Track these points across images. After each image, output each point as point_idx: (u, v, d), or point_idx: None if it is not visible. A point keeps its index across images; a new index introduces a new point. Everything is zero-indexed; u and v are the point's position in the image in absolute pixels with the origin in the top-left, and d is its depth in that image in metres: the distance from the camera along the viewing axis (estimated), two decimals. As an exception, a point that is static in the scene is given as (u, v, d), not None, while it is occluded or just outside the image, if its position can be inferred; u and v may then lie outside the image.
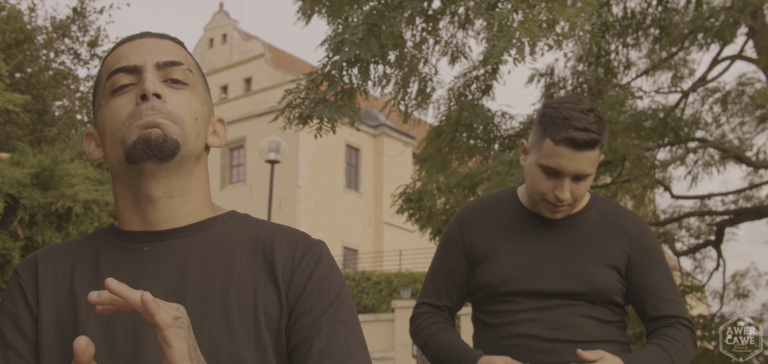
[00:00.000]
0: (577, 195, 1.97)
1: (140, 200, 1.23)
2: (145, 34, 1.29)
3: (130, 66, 1.23)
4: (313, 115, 5.78)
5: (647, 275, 2.03)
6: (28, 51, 6.75)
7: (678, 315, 2.03)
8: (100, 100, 1.27)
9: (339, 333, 1.20)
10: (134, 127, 1.19)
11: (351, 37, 5.72)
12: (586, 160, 1.92)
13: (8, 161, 4.81)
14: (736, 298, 12.15)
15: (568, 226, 2.05)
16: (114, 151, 1.22)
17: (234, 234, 1.26)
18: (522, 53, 4.34)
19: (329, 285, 1.24)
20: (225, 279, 1.20)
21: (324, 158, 31.27)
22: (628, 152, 8.14)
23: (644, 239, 2.06)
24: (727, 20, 7.79)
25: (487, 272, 2.05)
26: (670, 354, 1.95)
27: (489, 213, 2.13)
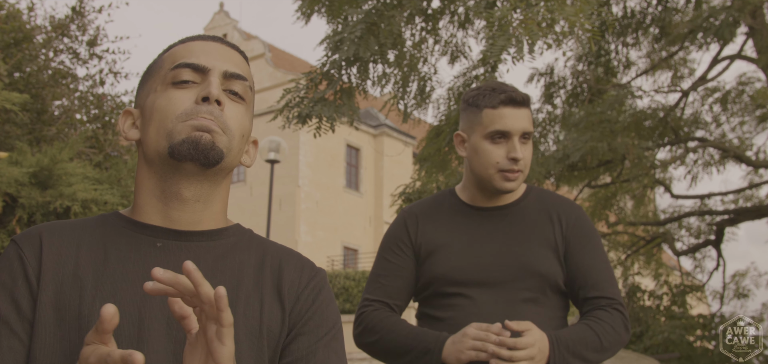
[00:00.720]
0: (526, 159, 2.03)
1: (168, 195, 1.23)
2: (217, 38, 1.31)
3: (199, 65, 1.23)
4: (312, 114, 5.78)
5: (581, 257, 2.03)
6: (27, 50, 6.74)
7: (610, 297, 2.01)
8: (155, 84, 1.26)
9: (331, 360, 1.24)
10: (187, 125, 1.19)
11: (350, 35, 5.72)
12: (526, 118, 2.02)
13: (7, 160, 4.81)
14: (736, 297, 12.15)
15: (507, 215, 2.08)
16: (157, 141, 1.21)
17: (243, 247, 1.28)
18: (521, 52, 4.34)
19: (329, 313, 1.28)
20: (233, 289, 1.21)
21: (324, 158, 31.28)
22: (628, 152, 8.14)
23: (578, 221, 2.08)
24: (726, 19, 7.80)
25: (435, 265, 2.07)
26: (597, 334, 1.94)
27: (431, 212, 2.16)
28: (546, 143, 9.64)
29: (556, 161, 8.20)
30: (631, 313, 11.95)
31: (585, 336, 1.94)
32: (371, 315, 2.11)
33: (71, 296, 1.16)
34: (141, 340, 1.14)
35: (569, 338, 1.92)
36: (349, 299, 24.81)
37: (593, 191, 11.21)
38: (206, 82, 1.23)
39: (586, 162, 8.35)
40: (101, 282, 1.17)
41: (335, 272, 25.90)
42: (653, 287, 12.84)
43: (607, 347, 1.96)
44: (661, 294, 12.32)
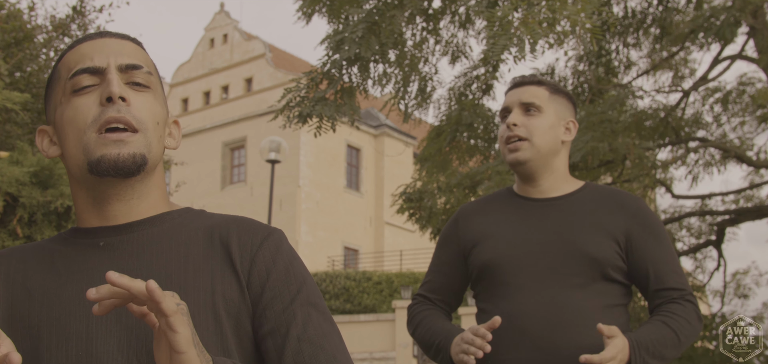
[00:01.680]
0: (530, 127, 2.09)
1: (99, 201, 1.24)
2: (105, 33, 1.29)
3: (94, 67, 1.22)
4: (313, 113, 5.77)
5: (648, 248, 2.02)
6: (28, 50, 6.74)
7: (681, 289, 2.01)
8: (58, 97, 1.25)
9: (312, 317, 1.21)
10: (100, 141, 1.19)
11: (351, 35, 5.71)
12: (529, 93, 2.12)
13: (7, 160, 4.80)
14: (737, 297, 12.14)
15: (560, 204, 2.10)
16: (75, 155, 1.21)
17: (189, 225, 1.27)
18: (522, 51, 4.34)
19: (295, 270, 1.25)
20: (180, 266, 1.21)
21: (325, 158, 31.27)
22: (629, 152, 8.13)
23: (643, 212, 2.07)
24: (727, 19, 7.78)
25: (481, 253, 2.10)
26: (674, 331, 1.94)
27: (485, 207, 2.20)
28: (547, 143, 9.61)
29: (557, 161, 8.17)
30: (632, 313, 11.96)
31: (663, 335, 1.94)
32: (413, 308, 2.22)
33: (21, 308, 1.19)
34: (89, 337, 1.15)
35: (649, 339, 1.91)
36: (349, 300, 24.80)
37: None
38: (105, 80, 1.21)
39: (587, 162, 8.34)
40: (48, 289, 1.20)
41: (336, 272, 25.87)
42: (654, 288, 12.83)
43: (684, 341, 1.96)
44: (661, 294, 12.30)
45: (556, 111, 2.14)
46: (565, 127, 2.16)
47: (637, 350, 1.88)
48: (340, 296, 24.91)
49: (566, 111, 2.17)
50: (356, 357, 19.60)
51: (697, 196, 11.06)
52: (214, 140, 33.00)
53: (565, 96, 2.18)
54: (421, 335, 2.13)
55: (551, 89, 2.15)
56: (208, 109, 34.21)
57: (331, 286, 25.10)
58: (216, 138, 33.06)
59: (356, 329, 20.54)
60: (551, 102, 2.13)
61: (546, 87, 2.15)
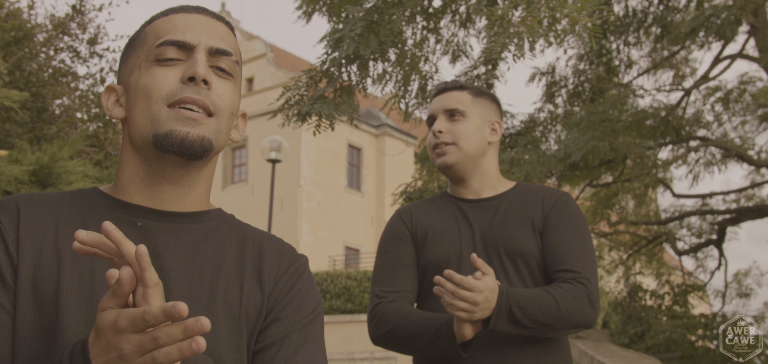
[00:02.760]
0: (456, 133, 2.15)
1: (152, 178, 1.20)
2: (201, 9, 1.25)
3: (184, 42, 1.19)
4: (312, 112, 5.76)
5: (554, 232, 2.05)
6: (28, 48, 6.74)
7: (577, 271, 1.99)
8: (139, 60, 1.21)
9: (307, 344, 1.21)
10: (172, 115, 1.15)
11: (350, 33, 5.70)
12: (452, 99, 2.18)
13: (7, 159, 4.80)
14: (738, 297, 12.14)
15: (492, 204, 2.15)
16: (142, 124, 1.17)
17: (225, 231, 1.25)
18: (521, 49, 4.33)
19: (308, 299, 1.25)
20: (214, 273, 1.19)
21: (326, 158, 31.28)
22: (630, 151, 8.12)
23: (560, 202, 2.11)
24: (728, 18, 7.78)
25: (428, 251, 2.12)
26: (555, 299, 1.92)
27: (424, 207, 2.24)
28: (547, 143, 9.62)
29: (558, 161, 8.19)
30: (632, 312, 11.94)
31: (539, 297, 1.92)
32: (382, 308, 2.11)
33: (50, 272, 1.12)
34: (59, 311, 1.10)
35: (522, 295, 1.90)
36: (350, 299, 24.81)
37: (595, 190, 11.21)
38: (192, 59, 1.18)
39: (587, 161, 8.34)
40: (79, 258, 1.13)
41: (337, 272, 25.88)
42: (655, 287, 12.83)
43: (565, 313, 1.92)
44: (662, 294, 12.31)
45: (480, 114, 2.19)
46: (490, 128, 2.21)
47: (505, 297, 1.87)
48: (341, 296, 24.92)
49: (491, 112, 2.21)
50: (357, 357, 19.61)
51: (697, 195, 11.06)
52: (215, 140, 33.01)
53: (488, 98, 2.22)
54: (409, 327, 2.03)
55: (474, 93, 2.20)
56: (209, 109, 34.24)
57: (332, 286, 25.12)
58: (217, 138, 33.06)
59: (357, 328, 20.54)
60: (475, 105, 2.18)
61: (468, 91, 2.20)
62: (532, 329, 1.92)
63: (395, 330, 2.06)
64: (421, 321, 2.02)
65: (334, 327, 20.20)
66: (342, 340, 19.60)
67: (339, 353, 19.07)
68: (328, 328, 19.77)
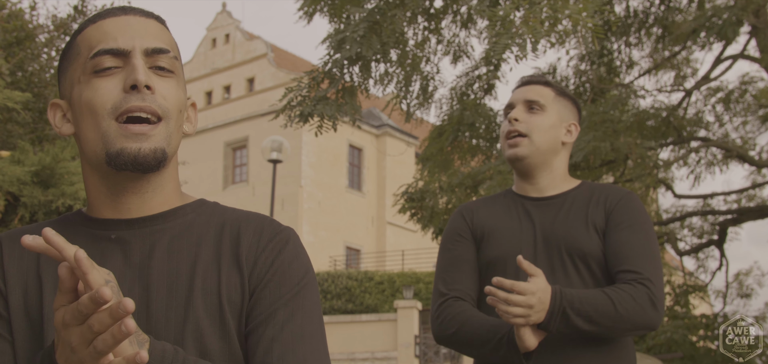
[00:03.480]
0: (531, 124, 2.12)
1: (114, 191, 1.20)
2: (129, 9, 1.22)
3: (118, 49, 1.16)
4: (314, 113, 5.76)
5: (618, 232, 2.01)
6: (29, 49, 6.74)
7: (638, 271, 1.94)
8: (76, 73, 1.19)
9: (295, 317, 1.17)
10: (120, 132, 1.14)
11: (352, 34, 5.71)
12: (534, 91, 2.16)
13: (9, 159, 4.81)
14: (739, 297, 12.14)
15: (555, 202, 2.11)
16: (93, 141, 1.16)
17: (201, 222, 1.24)
18: (524, 50, 4.33)
19: (292, 271, 1.20)
20: (191, 267, 1.18)
21: (326, 158, 31.28)
22: (631, 152, 8.12)
23: (623, 200, 2.07)
24: (729, 19, 7.77)
25: (488, 248, 2.10)
26: (612, 300, 1.88)
27: (485, 203, 2.22)
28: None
29: (559, 161, 8.17)
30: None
31: (596, 298, 1.88)
32: (448, 309, 2.08)
33: (35, 297, 1.16)
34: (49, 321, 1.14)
35: (576, 295, 1.87)
36: (351, 299, 24.80)
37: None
38: (129, 66, 1.16)
39: (588, 162, 8.33)
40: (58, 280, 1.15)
41: (338, 272, 25.88)
42: (656, 287, 12.81)
43: (624, 314, 1.88)
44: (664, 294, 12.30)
45: (559, 112, 2.16)
46: (566, 129, 2.18)
47: (559, 298, 1.85)
48: (342, 296, 24.91)
49: (569, 114, 2.19)
50: (358, 357, 19.60)
51: (699, 195, 11.05)
52: (216, 140, 33.01)
53: (570, 100, 2.21)
54: (473, 332, 2.00)
55: (557, 91, 2.19)
56: (210, 109, 34.22)
57: (333, 286, 25.11)
58: (218, 138, 33.07)
59: (358, 328, 20.54)
60: (555, 103, 2.16)
61: (552, 88, 2.18)
62: (589, 330, 1.88)
63: (459, 334, 2.04)
64: (485, 328, 1.99)
65: (335, 327, 20.19)
66: (343, 340, 19.60)
67: (340, 353, 19.07)
68: (329, 328, 19.74)
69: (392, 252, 31.56)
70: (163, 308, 1.14)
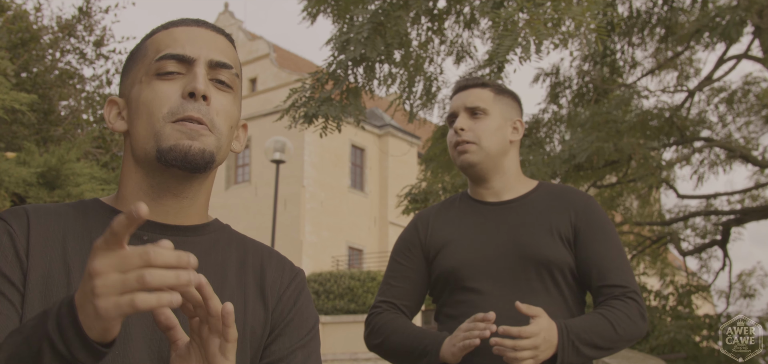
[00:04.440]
0: (477, 131, 2.11)
1: (156, 191, 1.21)
2: (201, 22, 1.25)
3: (183, 56, 1.19)
4: (318, 114, 5.77)
5: (592, 245, 2.02)
6: (34, 51, 6.76)
7: (624, 286, 1.98)
8: (139, 73, 1.21)
9: (311, 360, 1.25)
10: (175, 130, 1.16)
11: (356, 36, 5.71)
12: (473, 96, 2.14)
13: (14, 160, 4.82)
14: (743, 297, 12.13)
15: (514, 207, 2.11)
16: (145, 139, 1.18)
17: (224, 243, 1.26)
18: (527, 52, 4.33)
19: (309, 314, 1.27)
20: (217, 289, 1.19)
21: (329, 158, 31.28)
22: (634, 152, 8.12)
23: (588, 209, 2.07)
24: (733, 19, 7.77)
25: (443, 260, 2.10)
26: (611, 322, 1.92)
27: (441, 211, 2.20)
28: (552, 143, 9.63)
29: (562, 161, 8.20)
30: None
31: (597, 324, 1.92)
32: (378, 318, 2.14)
33: (60, 282, 1.14)
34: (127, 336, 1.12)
35: (580, 326, 1.90)
36: (353, 300, 24.81)
37: (599, 190, 11.21)
38: (191, 74, 1.19)
39: (592, 162, 8.34)
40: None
41: (340, 272, 25.88)
42: (659, 287, 12.83)
43: (622, 335, 1.93)
44: (666, 294, 12.30)
45: (502, 112, 2.15)
46: (512, 127, 2.17)
47: (566, 333, 1.87)
48: (344, 296, 24.91)
49: (512, 111, 2.18)
50: (360, 357, 19.60)
51: (702, 196, 11.05)
52: (218, 140, 33.00)
53: (510, 96, 2.19)
54: (399, 342, 2.06)
55: (496, 90, 2.17)
56: (213, 109, 34.23)
57: (336, 286, 25.12)
58: (220, 138, 33.06)
59: (360, 329, 20.52)
60: (496, 103, 2.14)
61: (490, 89, 2.16)
62: (595, 355, 1.92)
63: (386, 343, 2.10)
64: (409, 338, 2.04)
65: (337, 327, 20.20)
66: (345, 340, 19.60)
67: (342, 353, 19.08)
68: (332, 328, 19.78)
69: (395, 252, 31.50)
70: (185, 327, 1.14)
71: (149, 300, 0.88)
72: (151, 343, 1.13)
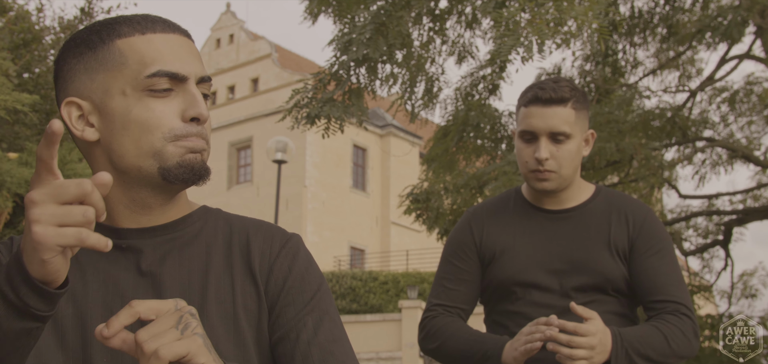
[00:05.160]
0: (560, 159, 1.98)
1: (136, 202, 1.20)
2: (173, 25, 1.21)
3: (178, 75, 1.16)
4: (321, 114, 5.77)
5: (647, 258, 1.99)
6: (36, 51, 6.77)
7: (678, 301, 1.95)
8: (118, 83, 1.15)
9: (324, 323, 1.20)
10: (179, 147, 1.15)
11: (359, 36, 5.71)
12: (557, 117, 1.96)
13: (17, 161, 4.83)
14: (744, 298, 12.11)
15: (573, 217, 2.05)
16: (136, 157, 1.15)
17: (209, 229, 1.25)
18: (530, 51, 4.34)
19: (310, 277, 1.23)
20: (203, 275, 1.19)
21: (331, 158, 31.29)
22: (636, 152, 8.12)
23: (647, 223, 2.02)
24: (734, 19, 7.77)
25: (501, 268, 2.05)
26: (665, 336, 1.89)
27: (496, 212, 2.13)
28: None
29: (564, 161, 8.17)
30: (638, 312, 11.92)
31: (651, 336, 1.89)
32: (433, 321, 2.09)
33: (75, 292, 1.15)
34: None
35: (635, 336, 1.88)
36: (355, 299, 24.82)
37: (600, 190, 11.21)
38: (188, 95, 1.16)
39: (594, 162, 8.33)
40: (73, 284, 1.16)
41: (342, 272, 25.89)
42: (661, 287, 12.81)
43: (675, 350, 1.90)
44: (668, 294, 12.29)
45: (581, 129, 2.03)
46: (585, 140, 2.08)
47: (620, 341, 1.85)
48: (346, 296, 24.91)
49: (586, 122, 2.06)
50: (362, 357, 19.61)
51: (704, 196, 11.04)
52: (220, 140, 33.06)
53: (586, 106, 2.05)
54: (457, 346, 2.01)
55: (576, 105, 2.00)
56: (215, 109, 34.28)
57: (338, 286, 25.12)
58: (222, 138, 33.12)
59: (362, 329, 20.54)
60: (577, 122, 2.00)
61: (572, 104, 1.98)
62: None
63: (443, 347, 2.04)
64: (468, 342, 1.99)
65: (339, 327, 20.18)
66: (347, 340, 19.59)
67: (344, 353, 19.05)
68: (334, 328, 19.79)
69: (396, 252, 31.56)
70: None
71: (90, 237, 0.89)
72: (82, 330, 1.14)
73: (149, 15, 1.20)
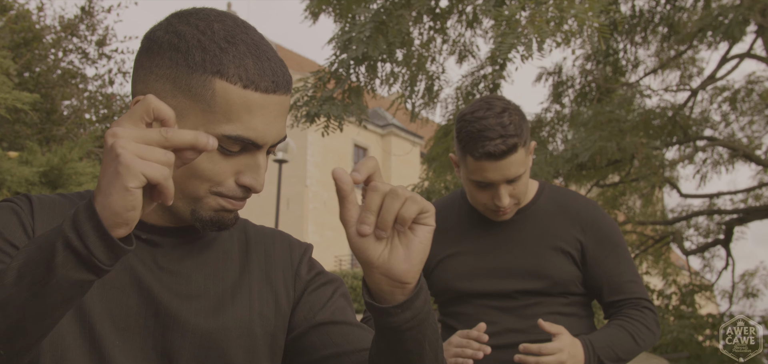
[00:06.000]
0: (517, 195, 1.96)
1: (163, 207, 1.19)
2: (280, 86, 1.11)
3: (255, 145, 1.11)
4: (321, 113, 5.77)
5: (603, 260, 1.99)
6: (37, 50, 6.77)
7: (638, 297, 1.99)
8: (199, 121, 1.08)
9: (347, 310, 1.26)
10: (217, 201, 1.12)
11: (359, 35, 5.71)
12: (512, 165, 1.91)
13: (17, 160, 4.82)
14: (746, 297, 12.11)
15: (518, 220, 2.04)
16: (180, 193, 1.12)
17: (225, 236, 1.26)
18: (530, 50, 4.33)
19: (330, 276, 1.30)
20: (219, 281, 1.20)
21: (332, 158, 31.29)
22: (637, 151, 8.11)
23: (596, 223, 2.02)
24: (736, 18, 7.77)
25: (442, 274, 2.05)
26: (631, 334, 1.92)
27: (439, 218, 2.12)
28: (554, 143, 9.63)
29: (565, 161, 8.20)
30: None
31: (619, 338, 1.91)
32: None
33: None
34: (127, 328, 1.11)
35: (604, 341, 1.89)
36: (356, 299, 24.81)
37: (601, 190, 11.21)
38: (253, 162, 1.12)
39: (595, 162, 8.33)
40: None
41: (343, 272, 25.90)
42: (662, 287, 12.82)
43: (642, 345, 1.94)
44: (669, 294, 12.30)
45: (528, 152, 1.98)
46: (530, 152, 2.02)
47: (591, 348, 1.85)
48: (347, 296, 24.94)
49: (528, 138, 1.98)
50: (363, 357, 19.65)
51: (705, 195, 11.05)
52: (221, 140, 33.07)
53: (526, 125, 1.97)
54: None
55: (522, 139, 1.92)
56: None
57: (339, 285, 25.18)
58: (223, 138, 33.13)
59: (363, 328, 20.59)
60: (526, 151, 1.96)
61: (519, 142, 1.91)
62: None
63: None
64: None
65: (340, 327, 20.23)
66: (348, 340, 19.62)
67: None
68: (335, 328, 19.85)
69: (397, 252, 31.51)
70: (191, 318, 1.15)
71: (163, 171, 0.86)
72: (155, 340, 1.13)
73: (262, 59, 1.10)
